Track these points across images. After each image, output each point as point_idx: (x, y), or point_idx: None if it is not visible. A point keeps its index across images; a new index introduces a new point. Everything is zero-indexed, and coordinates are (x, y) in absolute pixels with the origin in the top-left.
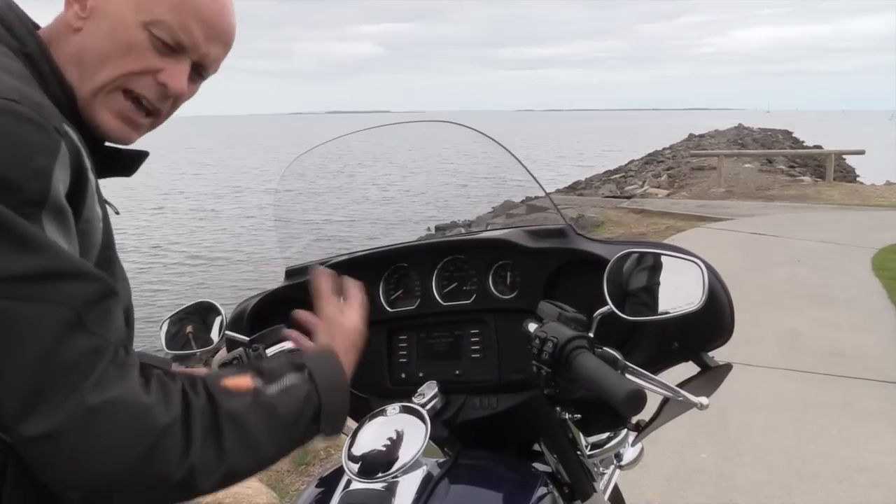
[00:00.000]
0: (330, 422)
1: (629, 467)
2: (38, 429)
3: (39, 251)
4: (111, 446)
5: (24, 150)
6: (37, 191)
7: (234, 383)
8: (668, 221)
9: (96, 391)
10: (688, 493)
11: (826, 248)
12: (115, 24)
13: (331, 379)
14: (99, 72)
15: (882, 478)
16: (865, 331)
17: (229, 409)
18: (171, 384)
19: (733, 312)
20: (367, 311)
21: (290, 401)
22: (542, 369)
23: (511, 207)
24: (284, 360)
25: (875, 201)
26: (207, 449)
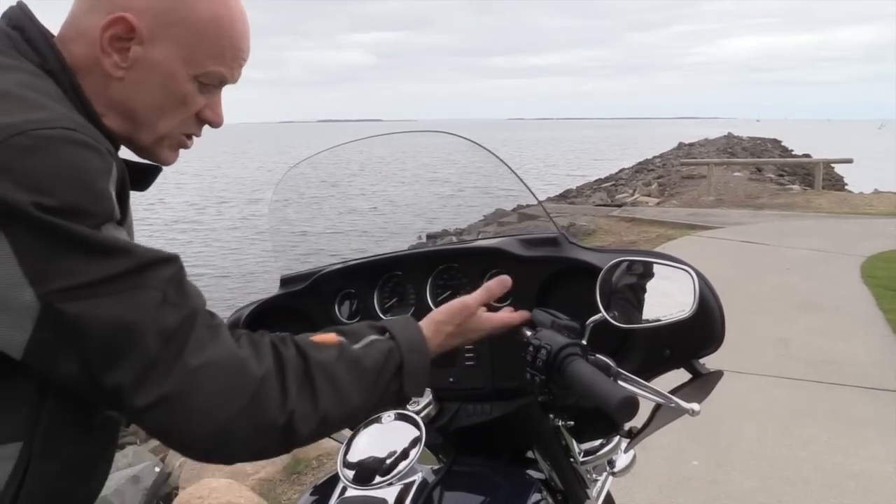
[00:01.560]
0: (412, 378)
1: (622, 474)
2: (151, 397)
3: (121, 253)
4: (217, 401)
5: (88, 177)
6: (104, 212)
7: (320, 338)
8: (658, 230)
9: (195, 354)
10: (679, 500)
11: (815, 257)
12: (167, 78)
13: (411, 341)
14: (157, 123)
15: (872, 485)
16: (855, 338)
17: (318, 360)
18: (259, 340)
19: (724, 320)
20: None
21: (374, 354)
22: (535, 376)
23: (502, 216)
24: (365, 324)
25: (863, 209)
26: (303, 396)
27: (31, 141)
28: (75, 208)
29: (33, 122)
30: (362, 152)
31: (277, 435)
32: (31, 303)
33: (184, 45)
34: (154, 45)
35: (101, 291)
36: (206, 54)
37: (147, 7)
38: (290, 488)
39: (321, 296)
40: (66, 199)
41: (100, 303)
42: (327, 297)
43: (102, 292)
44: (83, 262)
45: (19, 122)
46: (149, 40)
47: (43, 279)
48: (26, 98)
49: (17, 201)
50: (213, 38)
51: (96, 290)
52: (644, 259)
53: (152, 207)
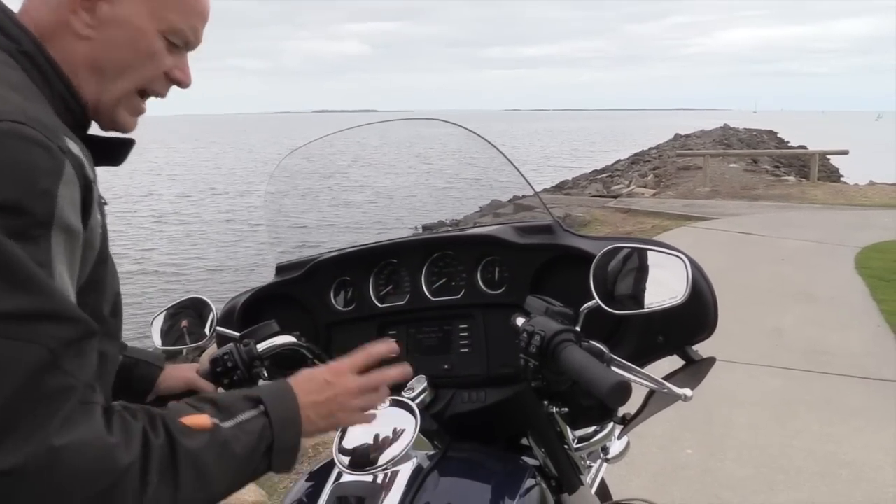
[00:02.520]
0: (281, 457)
1: (616, 460)
2: (2, 464)
3: (32, 291)
4: (73, 486)
5: (29, 174)
6: (43, 213)
7: (192, 421)
8: (654, 220)
9: (62, 431)
10: (673, 488)
11: (810, 247)
12: (135, 34)
13: (285, 415)
14: (121, 80)
15: (864, 473)
16: (849, 328)
17: (187, 448)
18: (132, 424)
19: (717, 307)
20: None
21: (245, 438)
22: (529, 362)
23: (498, 206)
24: (241, 395)
25: (858, 201)
26: (162, 487)
27: None
28: (10, 207)
29: None
30: (358, 142)
31: None
32: None
33: (150, 1)
34: (122, 1)
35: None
36: (171, 8)
37: None
38: (286, 477)
39: (317, 284)
40: (4, 196)
41: None
42: (323, 285)
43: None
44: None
45: None
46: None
47: None
48: None
49: None
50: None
51: None
52: (637, 246)
53: (144, 200)
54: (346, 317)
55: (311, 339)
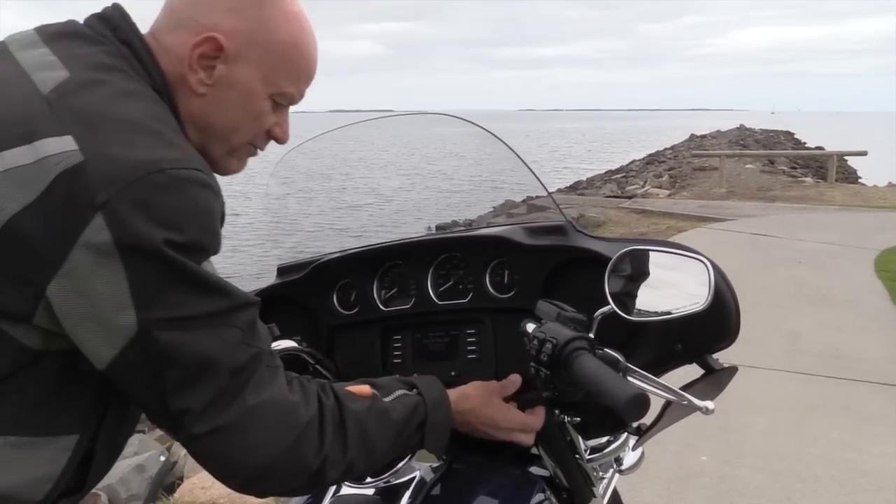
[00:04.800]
0: (434, 433)
1: (629, 472)
2: (210, 426)
3: (222, 293)
4: (267, 438)
5: (207, 217)
6: (214, 247)
7: (355, 389)
8: (669, 222)
9: (255, 392)
10: (688, 496)
11: (828, 250)
12: (247, 96)
13: (436, 399)
14: (231, 138)
15: (884, 482)
16: (867, 333)
17: (353, 410)
18: (308, 386)
19: (739, 313)
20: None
21: (402, 408)
22: (540, 371)
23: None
24: (395, 379)
25: (877, 203)
26: (336, 443)
27: (167, 179)
28: (197, 246)
29: (169, 160)
30: (373, 143)
31: (308, 477)
32: (130, 325)
33: (264, 66)
34: (237, 64)
35: (196, 325)
36: (283, 75)
37: (234, 28)
38: None
39: (319, 285)
40: (191, 237)
41: (193, 335)
42: (325, 286)
43: (198, 326)
44: (190, 296)
45: (159, 160)
46: (233, 60)
47: (148, 306)
48: (161, 134)
49: (148, 236)
50: (291, 59)
51: (193, 324)
52: (656, 248)
53: None
54: (348, 320)
55: (312, 343)
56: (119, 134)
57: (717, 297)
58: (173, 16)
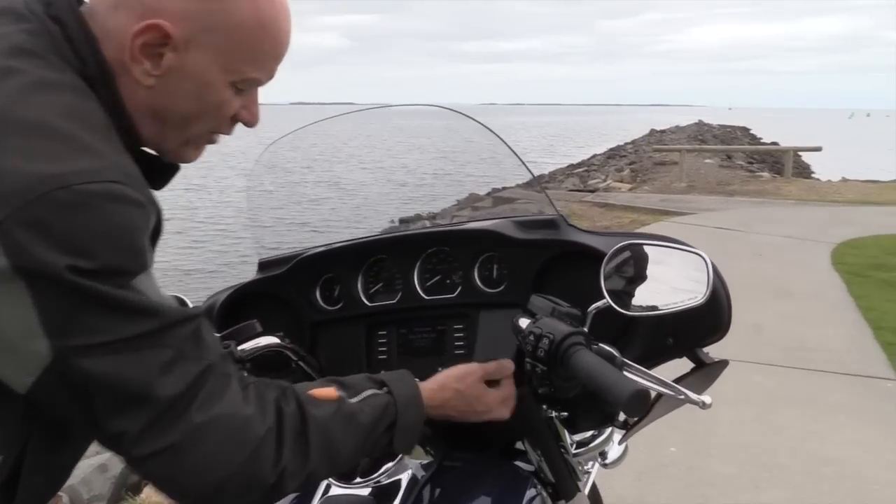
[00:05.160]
0: (403, 434)
1: (613, 466)
2: (151, 448)
3: (147, 313)
4: (217, 457)
5: (128, 237)
6: (139, 268)
7: (320, 393)
8: (631, 215)
9: (203, 409)
10: (658, 487)
11: (787, 243)
12: (202, 86)
13: (408, 396)
14: (188, 128)
15: (847, 470)
16: (828, 324)
17: (316, 417)
18: (265, 393)
19: (731, 307)
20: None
21: (370, 410)
22: (536, 367)
23: (476, 200)
24: (364, 377)
25: (831, 197)
26: (296, 453)
27: (74, 197)
28: (111, 269)
29: (78, 173)
30: (335, 136)
31: (264, 492)
32: (44, 353)
33: (222, 51)
34: (189, 51)
35: (119, 350)
36: (245, 60)
37: (183, 10)
38: None
39: (302, 281)
40: (103, 262)
41: (117, 361)
42: (308, 282)
43: (120, 351)
44: (108, 321)
45: (64, 173)
46: (184, 47)
47: (62, 333)
48: (72, 138)
49: (51, 263)
50: (254, 42)
51: (116, 349)
52: (653, 243)
53: None
54: (332, 316)
55: (295, 339)
56: (20, 140)
57: (711, 291)
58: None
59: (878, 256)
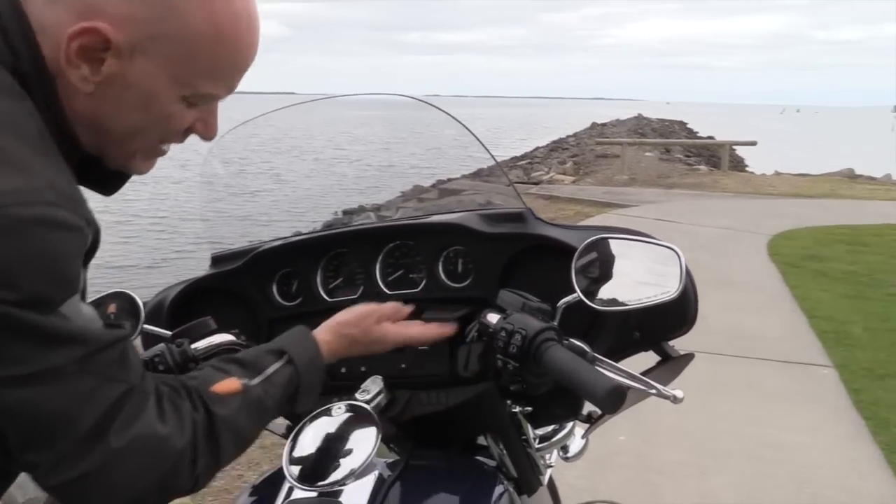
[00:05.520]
0: (306, 395)
1: (574, 459)
2: (68, 477)
3: (73, 342)
4: (136, 476)
5: (61, 264)
6: (68, 293)
7: (223, 388)
8: (575, 207)
9: (120, 433)
10: (609, 476)
11: (725, 235)
12: (148, 98)
13: (309, 360)
14: (132, 141)
15: (787, 454)
16: (765, 313)
17: (224, 417)
18: (181, 406)
19: (697, 301)
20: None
21: (275, 389)
22: (508, 363)
23: (422, 192)
24: (264, 349)
25: (766, 190)
26: (209, 457)
27: (2, 222)
28: (38, 299)
29: (8, 193)
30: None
31: (182, 493)
32: None
33: (172, 62)
34: (134, 59)
35: (41, 381)
36: (199, 73)
37: (128, 14)
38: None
39: (258, 276)
40: (29, 292)
41: (36, 391)
42: (264, 276)
43: (43, 381)
44: (31, 351)
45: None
46: (127, 54)
47: None
48: (3, 151)
49: None
50: (210, 54)
51: (37, 380)
52: (624, 237)
53: None
54: (290, 312)
55: (251, 336)
56: None
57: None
58: None
59: (811, 247)
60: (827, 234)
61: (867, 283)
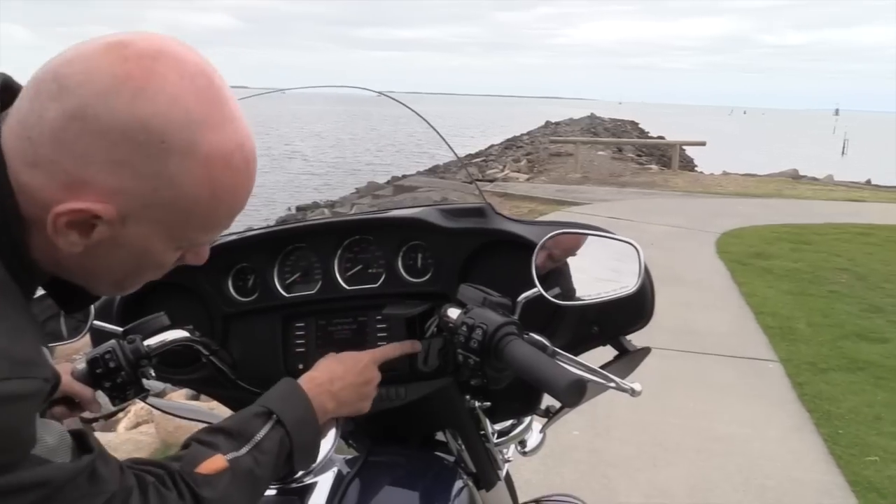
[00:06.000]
0: (303, 457)
1: (532, 453)
2: None
3: (34, 487)
4: None
5: (15, 435)
6: (28, 448)
7: (209, 468)
8: (529, 205)
9: None
10: (564, 470)
11: (675, 233)
12: (142, 253)
13: (299, 420)
14: (123, 283)
15: (735, 447)
16: (713, 309)
17: (212, 499)
18: (167, 496)
19: (654, 296)
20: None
21: (265, 458)
22: (469, 358)
23: (376, 189)
24: (250, 414)
25: (714, 189)
26: None
27: None
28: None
29: None
30: None
31: None
32: None
33: (167, 225)
34: (126, 225)
35: None
36: (195, 229)
37: (118, 188)
38: None
39: (212, 271)
40: None
41: None
42: (219, 271)
43: None
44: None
45: None
46: (119, 223)
47: None
48: None
49: None
50: (206, 212)
51: None
52: (583, 232)
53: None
54: (246, 307)
55: (205, 332)
56: None
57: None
58: (29, 146)
59: (758, 245)
60: (772, 232)
61: (810, 280)
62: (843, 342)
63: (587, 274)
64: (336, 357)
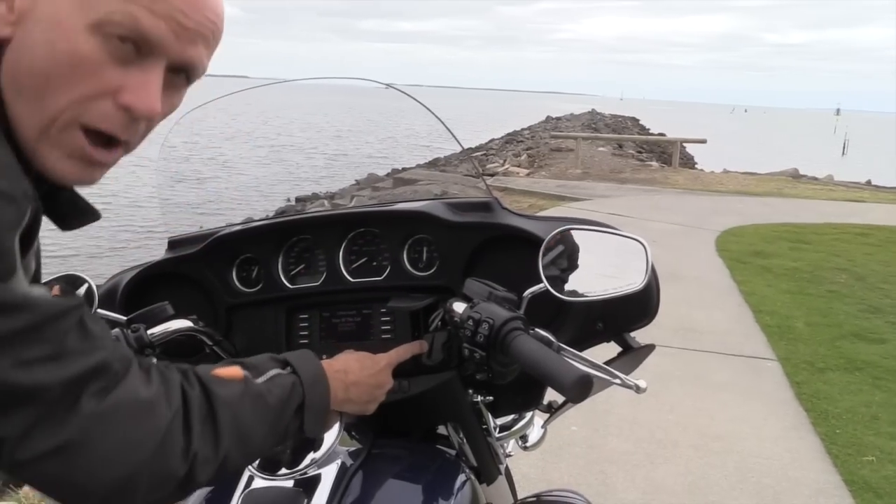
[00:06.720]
0: (313, 414)
1: (533, 448)
2: (40, 450)
3: (19, 309)
4: (120, 449)
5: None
6: (3, 270)
7: (224, 372)
8: (530, 200)
9: (97, 399)
10: (561, 465)
11: (675, 230)
12: (53, 29)
13: (313, 375)
14: (43, 99)
15: (733, 444)
16: (712, 307)
17: (223, 397)
18: (170, 376)
19: (660, 293)
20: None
21: (277, 390)
22: (475, 353)
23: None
24: (267, 357)
25: (715, 187)
26: (206, 438)
27: None
28: None
29: None
30: (225, 111)
31: (176, 484)
32: None
33: None
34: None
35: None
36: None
37: None
38: None
39: (216, 261)
40: None
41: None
42: (224, 262)
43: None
44: None
45: None
46: None
47: None
48: None
49: None
50: None
51: None
52: (591, 228)
53: None
54: (250, 299)
55: (209, 322)
56: None
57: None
58: None
59: (757, 244)
60: (772, 231)
61: (809, 279)
62: (842, 342)
63: (594, 270)
64: (354, 354)
